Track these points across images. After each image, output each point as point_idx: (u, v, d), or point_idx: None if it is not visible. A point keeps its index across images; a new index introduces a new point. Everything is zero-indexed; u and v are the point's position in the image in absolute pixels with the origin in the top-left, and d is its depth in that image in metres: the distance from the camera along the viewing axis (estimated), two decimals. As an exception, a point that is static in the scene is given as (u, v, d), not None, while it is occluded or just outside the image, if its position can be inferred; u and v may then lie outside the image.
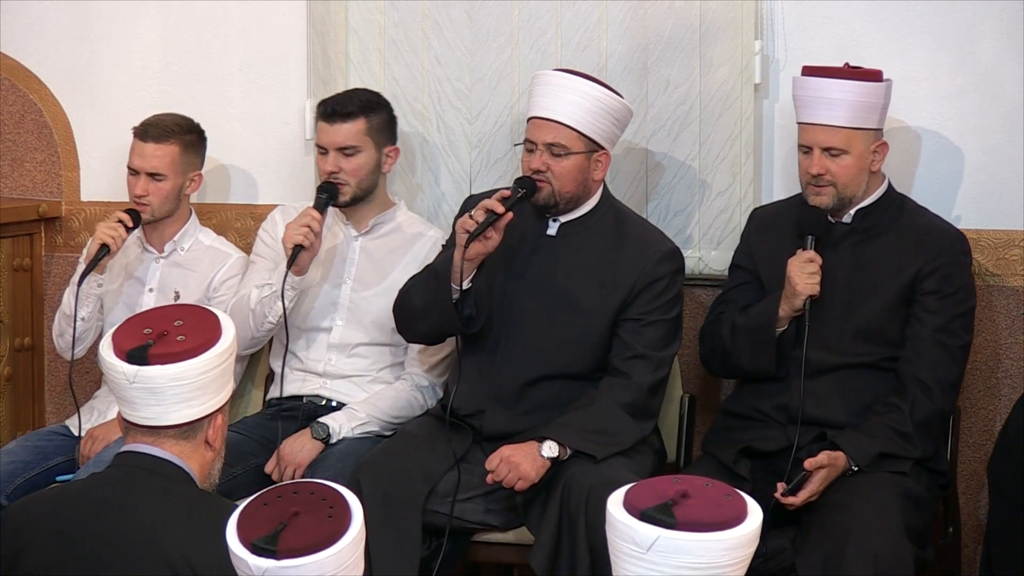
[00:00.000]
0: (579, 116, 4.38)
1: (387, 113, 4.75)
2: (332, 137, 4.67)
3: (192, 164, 4.87)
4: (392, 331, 4.65)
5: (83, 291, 4.75)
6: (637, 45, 4.86)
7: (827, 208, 4.37)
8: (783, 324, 4.36)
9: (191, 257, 4.89)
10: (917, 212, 4.47)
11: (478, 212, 4.29)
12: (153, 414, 3.21)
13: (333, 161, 4.67)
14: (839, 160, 4.34)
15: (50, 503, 3.28)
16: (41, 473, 4.69)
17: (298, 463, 4.51)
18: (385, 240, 4.77)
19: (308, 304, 4.75)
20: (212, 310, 3.31)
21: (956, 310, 4.34)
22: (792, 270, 4.32)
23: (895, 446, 4.24)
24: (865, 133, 4.35)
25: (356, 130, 4.67)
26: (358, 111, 4.67)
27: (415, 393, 4.68)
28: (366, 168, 4.69)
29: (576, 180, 4.42)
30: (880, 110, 4.37)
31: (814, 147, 4.34)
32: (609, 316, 4.41)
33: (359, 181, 4.68)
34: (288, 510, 2.77)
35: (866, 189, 4.40)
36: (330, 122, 4.67)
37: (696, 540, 2.73)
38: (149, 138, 4.81)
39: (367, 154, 4.69)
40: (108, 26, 5.32)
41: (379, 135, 4.70)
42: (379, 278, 4.74)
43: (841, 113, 4.32)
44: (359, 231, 4.77)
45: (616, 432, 4.31)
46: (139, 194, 4.80)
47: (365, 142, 4.68)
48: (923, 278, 4.33)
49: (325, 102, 4.72)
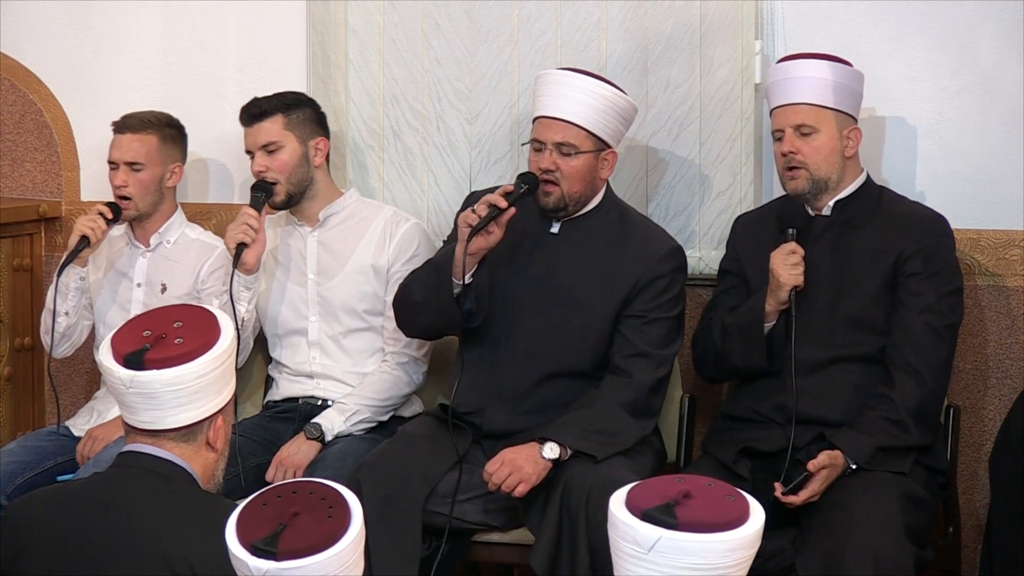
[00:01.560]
0: (587, 115, 4.39)
1: (310, 107, 4.80)
2: (253, 138, 4.75)
3: (171, 156, 4.88)
4: (364, 313, 4.72)
5: (62, 282, 4.75)
6: (637, 45, 4.86)
7: (804, 192, 4.38)
8: (771, 319, 4.36)
9: (177, 250, 4.90)
10: (896, 200, 4.48)
11: (481, 207, 4.30)
12: (151, 418, 3.21)
13: (259, 161, 4.73)
14: (810, 140, 4.35)
15: (50, 503, 3.27)
16: (41, 473, 4.68)
17: (296, 465, 4.52)
18: (339, 229, 4.80)
19: (279, 309, 4.80)
20: (213, 311, 3.30)
21: (941, 290, 4.33)
22: (775, 262, 4.33)
23: (892, 437, 4.23)
24: (836, 114, 4.36)
25: (274, 127, 4.72)
26: (273, 109, 4.73)
27: (398, 372, 4.71)
28: (292, 162, 4.73)
29: (585, 179, 4.42)
30: (850, 95, 4.39)
31: (785, 128, 4.37)
32: (611, 313, 4.41)
33: (288, 176, 4.73)
34: (288, 510, 2.76)
35: (843, 179, 4.41)
36: (249, 124, 4.75)
37: (698, 541, 2.73)
38: (127, 129, 4.85)
39: (290, 148, 4.73)
40: (108, 26, 5.32)
41: (301, 129, 4.74)
42: (340, 265, 4.77)
43: (809, 91, 4.35)
44: (312, 227, 4.81)
45: (617, 432, 4.31)
46: (119, 184, 4.82)
47: (285, 136, 4.73)
48: (905, 260, 4.33)
49: (243, 108, 4.79)
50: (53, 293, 4.75)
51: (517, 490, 4.21)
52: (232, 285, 4.59)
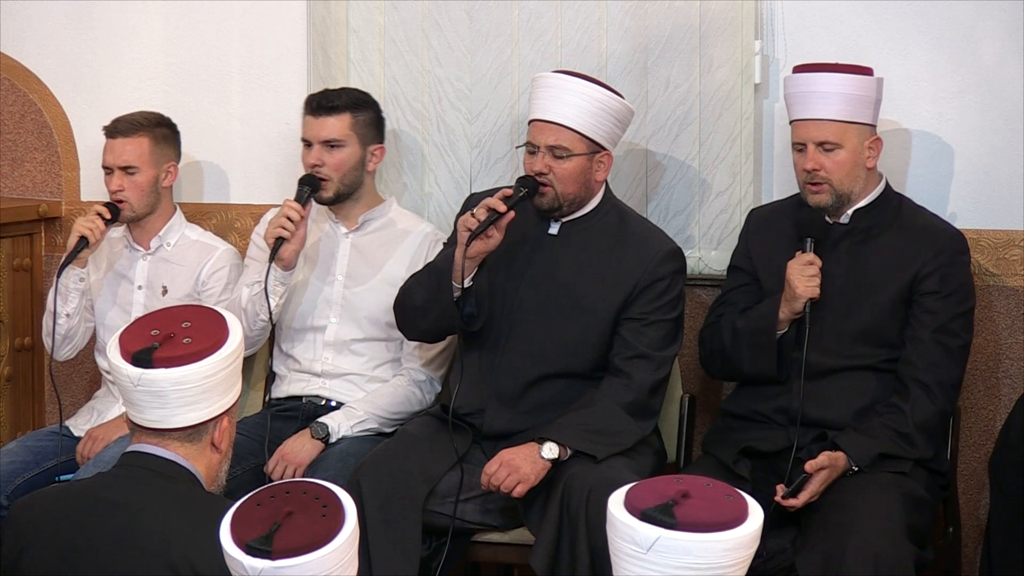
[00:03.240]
0: (580, 118, 4.38)
1: (374, 112, 4.76)
2: (317, 131, 4.69)
3: (165, 156, 4.87)
4: (387, 325, 4.68)
5: (62, 284, 4.75)
6: (637, 45, 4.86)
7: (826, 207, 4.37)
8: (783, 327, 4.36)
9: (178, 252, 4.90)
10: (915, 212, 4.46)
11: (480, 210, 4.30)
12: (157, 417, 3.22)
13: (316, 154, 4.68)
14: (833, 155, 4.33)
15: (53, 502, 3.28)
16: (41, 473, 4.69)
17: (298, 463, 4.52)
18: (376, 236, 4.78)
19: (300, 304, 4.77)
20: (222, 312, 3.31)
21: (955, 310, 4.33)
22: (792, 273, 4.32)
23: (895, 447, 4.23)
24: (858, 128, 4.34)
25: (341, 124, 4.68)
26: (344, 106, 4.69)
27: (412, 388, 4.69)
28: (349, 163, 4.70)
29: (578, 182, 4.42)
30: (871, 104, 4.36)
31: (808, 143, 4.34)
32: (610, 315, 4.41)
33: (341, 176, 4.70)
34: (282, 510, 2.77)
35: (863, 188, 4.39)
36: (316, 115, 4.70)
37: (696, 540, 2.74)
38: (118, 133, 4.83)
39: (351, 149, 4.70)
40: (108, 26, 5.33)
41: (365, 132, 4.72)
42: (371, 273, 4.75)
43: (832, 107, 4.32)
44: (349, 228, 4.78)
45: (617, 432, 4.31)
46: (115, 189, 4.81)
47: (349, 137, 4.69)
48: (922, 279, 4.32)
49: (312, 96, 4.74)
50: (53, 295, 4.75)
51: (516, 491, 4.21)
52: (268, 279, 4.56)
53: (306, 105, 4.73)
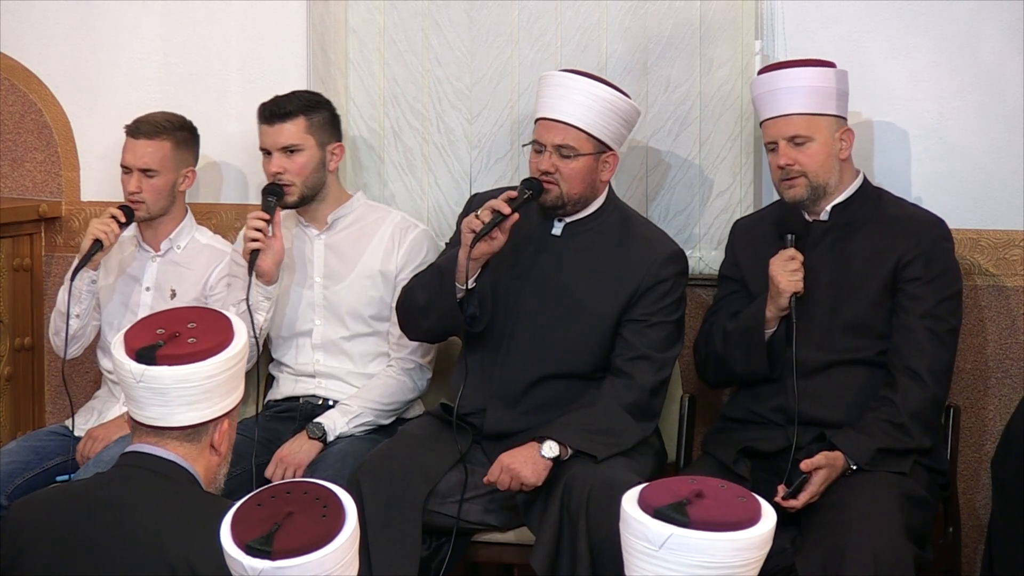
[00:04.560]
0: (588, 117, 4.39)
1: (328, 111, 4.76)
2: (274, 138, 4.70)
3: (185, 160, 4.87)
4: (370, 319, 4.72)
5: (76, 286, 4.75)
6: (637, 45, 4.86)
7: (802, 199, 4.38)
8: (772, 325, 4.37)
9: (187, 255, 4.90)
10: (894, 203, 4.47)
11: (484, 212, 4.30)
12: (158, 414, 3.22)
13: (277, 162, 4.69)
14: (805, 148, 4.35)
15: (52, 503, 3.28)
16: (41, 473, 4.69)
17: (297, 464, 4.52)
18: (347, 232, 4.79)
19: (284, 311, 4.79)
20: (227, 315, 3.32)
21: (941, 294, 4.33)
22: (774, 269, 4.33)
23: (892, 439, 4.23)
24: (827, 120, 4.36)
25: (297, 129, 4.69)
26: (297, 110, 4.69)
27: (403, 377, 4.71)
28: (310, 166, 4.70)
29: (584, 181, 4.42)
30: (837, 96, 4.38)
31: (779, 140, 4.37)
32: (613, 317, 4.42)
33: (304, 179, 4.70)
34: (282, 510, 2.77)
35: (840, 182, 4.41)
36: (270, 123, 4.70)
37: (709, 539, 2.76)
38: (140, 135, 4.82)
39: (310, 152, 4.70)
40: (108, 26, 5.33)
41: (321, 132, 4.72)
42: (348, 270, 4.76)
43: (797, 100, 4.35)
44: (319, 230, 4.80)
45: (617, 432, 4.31)
46: (132, 191, 4.81)
47: (307, 140, 4.70)
48: (905, 265, 4.33)
49: (264, 105, 4.74)
50: (66, 297, 4.74)
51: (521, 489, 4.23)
52: (249, 294, 4.56)
53: (259, 114, 4.73)
